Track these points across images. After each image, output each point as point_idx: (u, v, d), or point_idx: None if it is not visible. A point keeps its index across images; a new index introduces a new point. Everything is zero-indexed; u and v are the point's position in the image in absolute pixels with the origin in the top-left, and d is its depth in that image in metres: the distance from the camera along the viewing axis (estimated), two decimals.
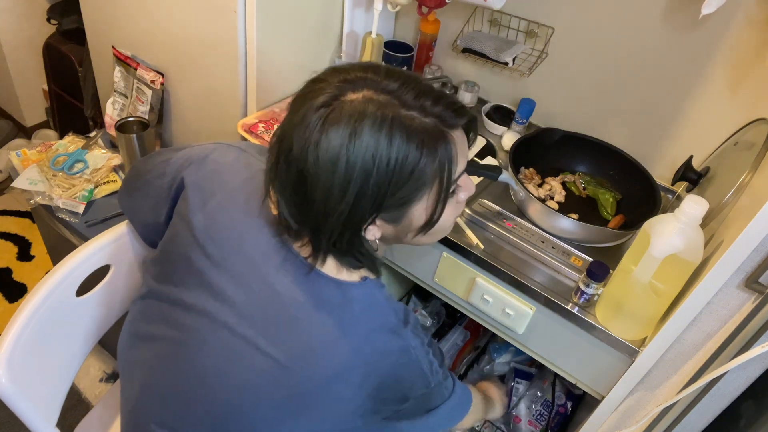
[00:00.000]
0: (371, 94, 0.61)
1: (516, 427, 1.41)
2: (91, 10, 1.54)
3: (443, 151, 0.63)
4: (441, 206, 0.67)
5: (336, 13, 1.37)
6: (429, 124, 0.62)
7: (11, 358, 0.76)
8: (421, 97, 0.63)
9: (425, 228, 0.69)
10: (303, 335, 0.68)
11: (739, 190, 0.91)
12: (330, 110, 0.61)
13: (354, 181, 0.60)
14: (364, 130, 0.59)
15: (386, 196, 0.62)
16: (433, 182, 0.64)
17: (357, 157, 0.59)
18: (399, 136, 0.60)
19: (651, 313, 0.90)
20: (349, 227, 0.64)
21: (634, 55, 1.22)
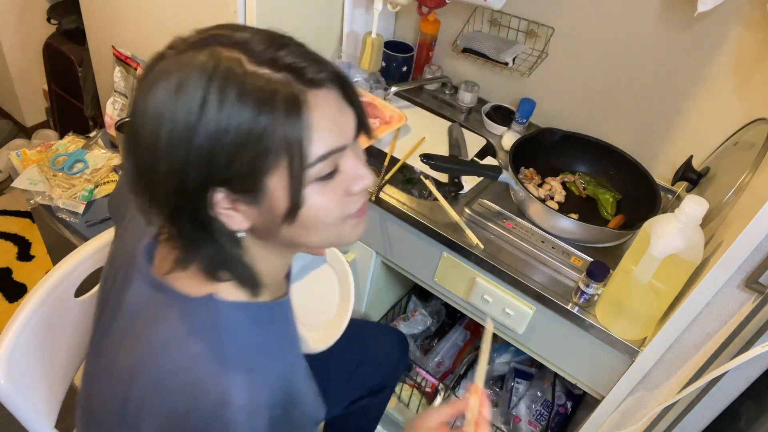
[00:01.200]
0: (214, 49, 0.52)
1: (516, 427, 1.41)
2: (91, 10, 1.54)
3: (291, 114, 0.51)
4: (298, 187, 0.53)
5: (336, 13, 1.37)
6: (276, 80, 0.51)
7: (10, 359, 0.76)
8: (272, 47, 0.52)
9: (290, 215, 0.55)
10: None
11: (739, 190, 0.91)
12: (161, 63, 0.53)
13: (179, 141, 0.50)
14: (192, 79, 0.50)
15: (222, 162, 0.51)
16: (280, 152, 0.52)
17: (181, 114, 0.50)
18: (231, 91, 0.50)
19: (651, 313, 0.90)
20: (184, 198, 0.53)
21: (634, 55, 1.22)
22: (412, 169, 1.30)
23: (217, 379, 0.56)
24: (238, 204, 0.55)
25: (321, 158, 0.54)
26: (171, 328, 0.60)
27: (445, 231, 1.09)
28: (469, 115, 1.46)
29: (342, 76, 0.56)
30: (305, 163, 0.53)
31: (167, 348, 0.59)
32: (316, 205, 0.56)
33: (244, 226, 0.57)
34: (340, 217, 0.59)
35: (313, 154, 0.53)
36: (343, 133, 0.56)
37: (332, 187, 0.57)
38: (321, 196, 0.56)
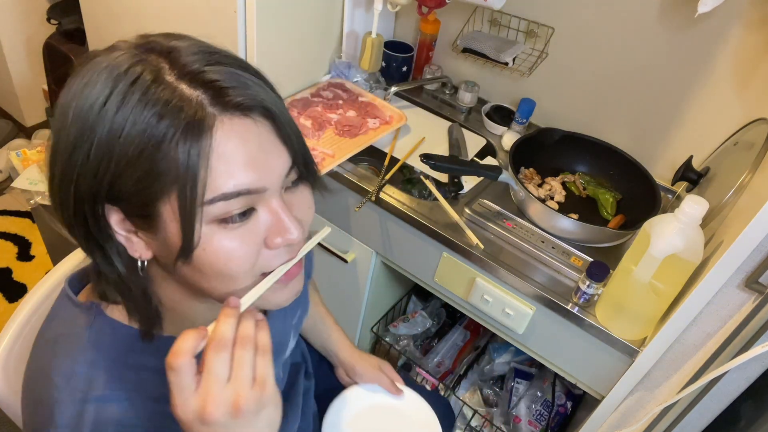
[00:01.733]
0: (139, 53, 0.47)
1: (516, 427, 1.41)
2: (91, 10, 1.54)
3: (189, 136, 0.44)
4: (187, 220, 0.46)
5: (336, 13, 1.37)
6: (187, 96, 0.45)
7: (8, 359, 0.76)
8: (201, 61, 0.47)
9: (184, 253, 0.48)
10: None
11: (739, 190, 0.91)
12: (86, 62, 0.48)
13: (73, 142, 0.46)
14: (99, 80, 0.45)
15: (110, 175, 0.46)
16: (171, 177, 0.45)
17: (82, 111, 0.45)
18: (134, 96, 0.44)
19: (651, 313, 0.90)
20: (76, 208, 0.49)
21: (634, 54, 1.22)
22: (412, 169, 1.31)
23: (53, 393, 0.52)
24: (138, 229, 0.50)
25: (224, 196, 0.46)
26: (49, 328, 0.58)
27: (445, 231, 1.09)
28: (469, 115, 1.46)
29: (271, 109, 0.49)
30: (199, 197, 0.45)
31: (37, 347, 0.58)
32: (216, 250, 0.48)
33: (147, 255, 0.51)
34: (248, 271, 0.51)
35: (213, 190, 0.46)
36: (264, 173, 0.48)
37: (242, 234, 0.49)
38: (223, 240, 0.48)
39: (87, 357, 0.54)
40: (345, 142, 1.25)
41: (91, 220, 0.49)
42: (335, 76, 1.45)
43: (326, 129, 1.28)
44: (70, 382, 0.53)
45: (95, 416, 0.52)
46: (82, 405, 0.52)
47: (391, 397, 0.99)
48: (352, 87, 1.42)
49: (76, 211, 0.49)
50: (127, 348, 0.56)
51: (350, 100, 1.38)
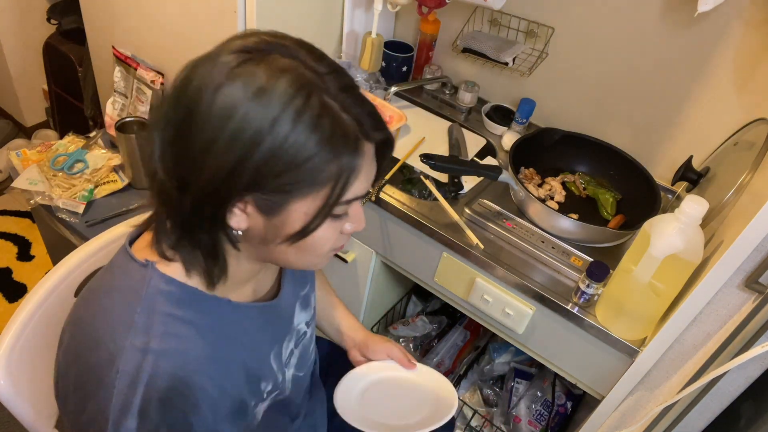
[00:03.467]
0: (299, 65, 0.54)
1: (516, 427, 1.41)
2: (91, 10, 1.54)
3: (348, 158, 0.55)
4: (320, 218, 0.58)
5: (336, 13, 1.37)
6: (346, 121, 0.55)
7: (10, 359, 0.76)
8: (345, 92, 0.56)
9: (296, 237, 0.59)
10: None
11: (739, 190, 0.91)
12: (248, 57, 0.53)
13: (242, 142, 0.52)
14: (276, 91, 0.51)
15: (270, 174, 0.53)
16: (323, 185, 0.56)
17: (255, 118, 0.51)
18: (310, 115, 0.52)
19: (651, 313, 0.90)
20: (219, 192, 0.54)
21: (634, 55, 1.22)
22: (412, 169, 1.30)
23: (114, 338, 0.57)
24: (250, 207, 0.57)
25: (348, 201, 0.59)
26: (103, 280, 0.64)
27: (445, 231, 1.09)
28: (469, 115, 1.46)
29: (392, 141, 0.62)
30: (339, 201, 0.57)
31: (90, 296, 0.63)
32: (319, 236, 0.60)
33: (242, 226, 0.58)
34: (329, 250, 0.64)
35: (346, 196, 0.58)
36: (368, 185, 0.61)
37: (336, 225, 0.62)
38: (326, 229, 0.60)
39: (144, 308, 0.59)
40: None
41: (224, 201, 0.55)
42: None
43: None
44: (130, 331, 0.57)
45: (153, 367, 0.56)
46: (143, 355, 0.57)
47: (405, 370, 0.99)
48: None
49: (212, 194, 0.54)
50: (180, 304, 0.61)
51: None
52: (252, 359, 0.70)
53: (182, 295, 0.61)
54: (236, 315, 0.67)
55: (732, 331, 0.82)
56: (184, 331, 0.60)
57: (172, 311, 0.60)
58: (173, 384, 0.57)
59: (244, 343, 0.69)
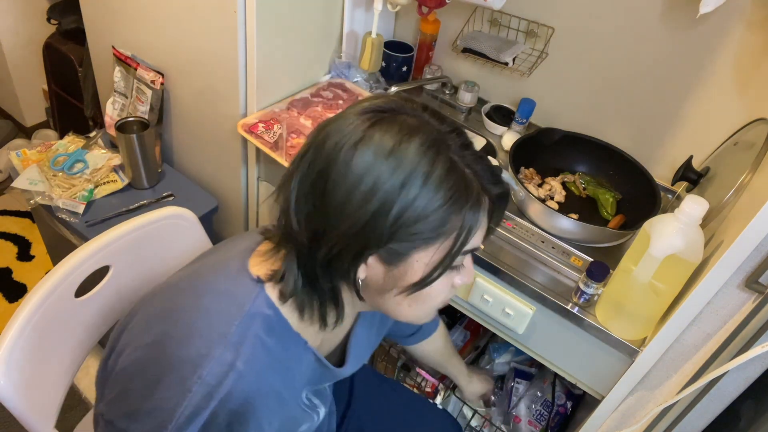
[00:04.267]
0: (425, 125, 0.58)
1: (516, 427, 1.41)
2: (91, 10, 1.54)
3: (471, 211, 0.58)
4: (441, 269, 0.59)
5: (336, 13, 1.37)
6: (469, 176, 0.58)
7: (10, 359, 0.76)
8: (466, 149, 0.59)
9: (414, 288, 0.60)
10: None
11: (739, 190, 0.91)
12: (381, 116, 0.57)
13: (376, 201, 0.54)
14: (410, 148, 0.55)
15: (398, 230, 0.56)
16: (446, 237, 0.58)
17: (388, 179, 0.54)
18: (438, 173, 0.55)
19: (651, 313, 0.90)
20: (350, 247, 0.57)
21: (634, 54, 1.22)
22: None
23: (207, 343, 0.58)
24: (373, 258, 0.59)
25: (466, 252, 0.60)
26: (211, 278, 0.65)
27: None
28: (469, 115, 1.46)
29: (508, 194, 0.64)
30: (457, 255, 0.59)
31: (194, 288, 0.64)
32: (435, 288, 0.62)
33: (362, 276, 0.61)
34: (440, 302, 0.66)
35: (464, 248, 0.59)
36: (482, 238, 0.63)
37: (450, 276, 0.63)
38: (442, 281, 0.62)
39: (242, 324, 0.60)
40: None
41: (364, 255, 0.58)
42: (335, 76, 1.45)
43: None
44: (223, 341, 0.58)
45: (232, 386, 0.57)
46: (228, 371, 0.57)
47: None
48: (352, 87, 1.42)
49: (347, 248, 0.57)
50: (270, 331, 0.62)
51: (350, 100, 1.38)
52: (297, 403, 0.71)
53: (275, 322, 0.63)
54: (305, 358, 0.68)
55: (732, 331, 0.82)
56: (266, 359, 0.61)
57: (263, 336, 0.61)
58: (242, 408, 0.58)
59: (297, 384, 0.69)
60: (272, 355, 0.62)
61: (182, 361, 0.58)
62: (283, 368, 0.63)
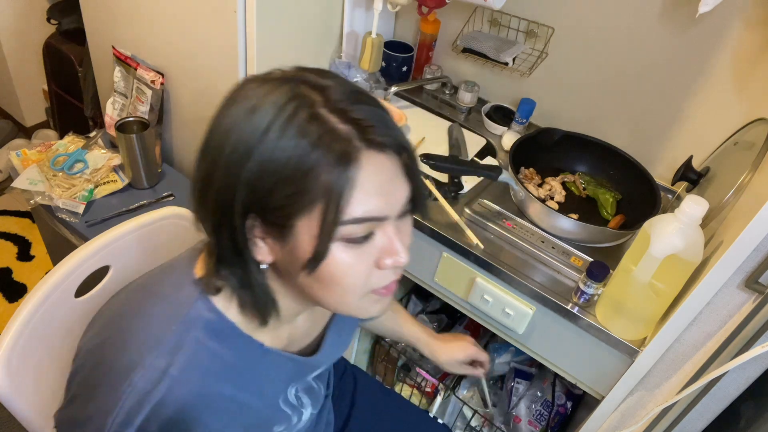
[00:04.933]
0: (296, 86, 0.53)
1: (516, 427, 1.41)
2: (91, 10, 1.54)
3: (339, 164, 0.50)
4: (325, 239, 0.53)
5: (336, 13, 1.37)
6: (339, 130, 0.51)
7: (10, 359, 0.76)
8: (349, 100, 0.53)
9: (312, 264, 0.55)
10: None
11: (739, 190, 0.91)
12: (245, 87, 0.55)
13: (238, 160, 0.52)
14: (264, 107, 0.52)
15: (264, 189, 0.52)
16: (317, 197, 0.52)
17: (245, 135, 0.51)
18: (294, 124, 0.51)
19: (651, 313, 0.90)
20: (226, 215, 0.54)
21: (634, 55, 1.22)
22: None
23: (140, 349, 0.57)
24: (267, 236, 0.56)
25: (355, 220, 0.53)
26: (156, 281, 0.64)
27: (445, 231, 1.09)
28: (469, 115, 1.46)
29: (407, 147, 0.56)
30: (338, 218, 0.52)
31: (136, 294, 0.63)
32: (339, 263, 0.55)
33: (268, 259, 0.58)
34: (361, 286, 0.58)
35: (348, 213, 0.52)
36: (388, 204, 0.55)
37: (360, 253, 0.56)
38: (346, 256, 0.55)
39: (180, 329, 0.58)
40: None
41: (237, 224, 0.54)
42: None
43: None
44: (158, 347, 0.57)
45: (165, 393, 0.55)
46: (160, 377, 0.56)
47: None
48: None
49: (221, 217, 0.55)
50: (214, 335, 0.59)
51: None
52: (268, 406, 0.69)
53: (219, 326, 0.60)
54: (266, 360, 0.66)
55: (732, 331, 0.82)
56: (209, 364, 0.59)
57: (205, 341, 0.59)
58: (179, 415, 0.56)
59: (264, 390, 0.67)
60: (219, 360, 0.60)
61: (117, 367, 0.57)
62: (235, 373, 0.61)
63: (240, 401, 0.62)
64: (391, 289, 0.62)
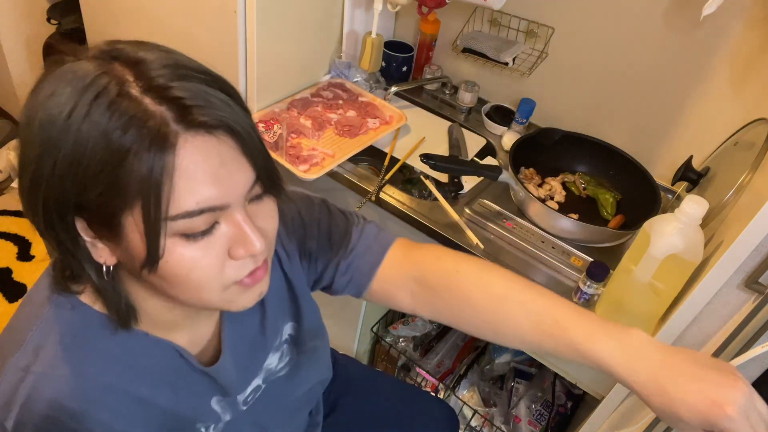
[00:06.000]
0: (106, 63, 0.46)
1: (516, 427, 1.41)
2: (91, 10, 1.54)
3: (152, 151, 0.44)
4: (151, 234, 0.46)
5: (336, 13, 1.37)
6: (152, 112, 0.44)
7: None
8: (168, 76, 0.46)
9: (149, 264, 0.48)
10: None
11: (739, 190, 0.91)
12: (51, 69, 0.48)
13: (43, 149, 0.46)
14: (64, 91, 0.45)
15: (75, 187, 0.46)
16: (134, 191, 0.45)
17: (47, 123, 0.45)
18: (99, 108, 0.44)
19: (651, 313, 0.90)
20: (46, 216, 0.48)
21: (635, 54, 1.22)
22: (412, 169, 1.31)
23: (3, 353, 0.55)
24: (100, 236, 0.50)
25: (187, 214, 0.46)
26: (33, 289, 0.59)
27: (445, 231, 1.09)
28: (469, 115, 1.46)
29: (234, 128, 0.47)
30: (163, 213, 0.45)
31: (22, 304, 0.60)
32: (179, 261, 0.49)
33: (111, 261, 0.52)
34: (214, 280, 0.51)
35: (177, 207, 0.46)
36: (226, 190, 0.48)
37: (205, 246, 0.49)
38: (186, 252, 0.48)
39: (41, 329, 0.55)
40: (345, 142, 1.25)
41: (60, 226, 0.49)
42: (335, 76, 1.45)
43: (326, 129, 1.28)
44: (19, 349, 0.54)
45: (30, 390, 0.52)
46: (23, 376, 0.52)
47: None
48: (352, 87, 1.42)
49: (45, 218, 0.49)
50: (83, 329, 0.56)
51: (350, 100, 1.38)
52: (184, 401, 0.62)
53: (88, 320, 0.56)
54: (159, 351, 0.60)
55: (732, 331, 0.82)
56: (81, 357, 0.54)
57: (72, 335, 0.55)
58: (53, 412, 0.52)
59: (172, 382, 0.61)
60: (95, 352, 0.55)
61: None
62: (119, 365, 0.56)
63: (138, 394, 0.57)
64: (258, 278, 0.55)
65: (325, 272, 0.77)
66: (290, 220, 0.73)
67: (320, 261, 0.76)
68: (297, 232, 0.74)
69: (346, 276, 0.76)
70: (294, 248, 0.74)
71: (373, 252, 0.75)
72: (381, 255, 0.75)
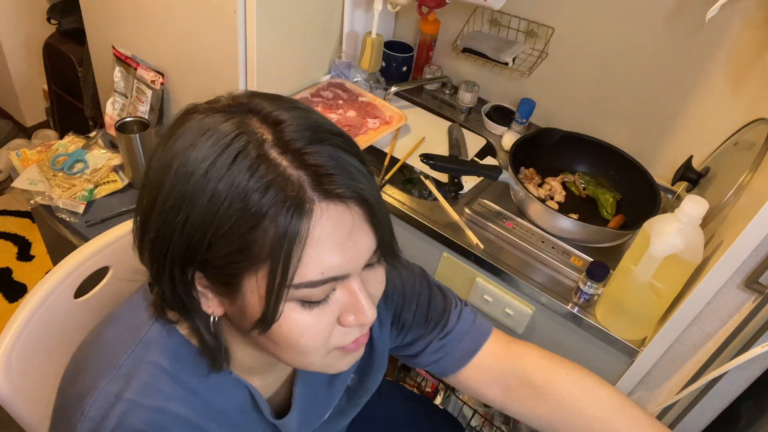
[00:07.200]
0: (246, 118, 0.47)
1: (516, 427, 1.41)
2: (91, 10, 1.54)
3: (288, 218, 0.43)
4: (274, 302, 0.46)
5: (336, 13, 1.37)
6: (290, 176, 0.44)
7: (9, 360, 0.76)
8: (305, 139, 0.45)
9: (261, 326, 0.48)
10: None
11: (739, 190, 0.91)
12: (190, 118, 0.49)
13: (177, 201, 0.45)
14: (204, 146, 0.45)
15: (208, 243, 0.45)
16: (262, 259, 0.45)
17: (185, 175, 0.45)
18: (239, 171, 0.44)
19: (651, 313, 0.90)
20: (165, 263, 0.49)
21: (634, 54, 1.22)
22: (412, 169, 1.30)
23: (94, 376, 0.54)
24: (214, 290, 0.51)
25: (312, 284, 0.46)
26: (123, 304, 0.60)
27: (445, 231, 1.09)
28: (469, 115, 1.46)
29: (369, 200, 0.47)
30: (288, 280, 0.45)
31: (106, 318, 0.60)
32: (293, 326, 0.49)
33: (218, 312, 0.52)
34: (321, 347, 0.51)
35: (302, 275, 0.46)
36: (351, 260, 0.48)
37: (318, 313, 0.49)
38: (302, 317, 0.48)
39: (135, 353, 0.54)
40: None
41: (179, 278, 0.49)
42: (335, 76, 1.45)
43: None
44: (111, 373, 0.53)
45: (120, 418, 0.51)
46: (114, 402, 0.52)
47: None
48: (352, 87, 1.42)
49: (167, 269, 0.49)
50: (175, 359, 0.55)
51: (350, 100, 1.38)
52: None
53: (181, 350, 0.56)
54: (236, 391, 0.60)
55: (732, 331, 0.82)
56: (170, 389, 0.54)
57: (163, 364, 0.54)
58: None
59: (239, 425, 0.61)
60: (181, 386, 0.55)
61: (70, 398, 0.54)
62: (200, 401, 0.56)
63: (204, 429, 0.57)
64: (361, 343, 0.55)
65: (413, 345, 0.76)
66: (392, 288, 0.72)
67: (411, 333, 0.76)
68: (396, 301, 0.74)
69: (436, 356, 0.76)
70: (389, 317, 0.74)
71: (470, 338, 0.76)
72: (479, 344, 0.76)
